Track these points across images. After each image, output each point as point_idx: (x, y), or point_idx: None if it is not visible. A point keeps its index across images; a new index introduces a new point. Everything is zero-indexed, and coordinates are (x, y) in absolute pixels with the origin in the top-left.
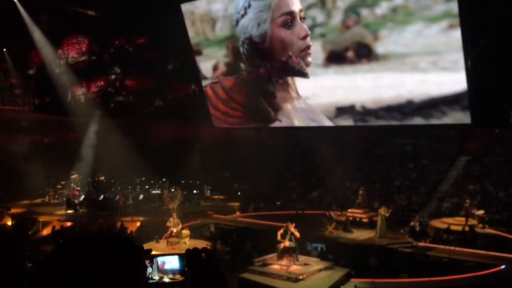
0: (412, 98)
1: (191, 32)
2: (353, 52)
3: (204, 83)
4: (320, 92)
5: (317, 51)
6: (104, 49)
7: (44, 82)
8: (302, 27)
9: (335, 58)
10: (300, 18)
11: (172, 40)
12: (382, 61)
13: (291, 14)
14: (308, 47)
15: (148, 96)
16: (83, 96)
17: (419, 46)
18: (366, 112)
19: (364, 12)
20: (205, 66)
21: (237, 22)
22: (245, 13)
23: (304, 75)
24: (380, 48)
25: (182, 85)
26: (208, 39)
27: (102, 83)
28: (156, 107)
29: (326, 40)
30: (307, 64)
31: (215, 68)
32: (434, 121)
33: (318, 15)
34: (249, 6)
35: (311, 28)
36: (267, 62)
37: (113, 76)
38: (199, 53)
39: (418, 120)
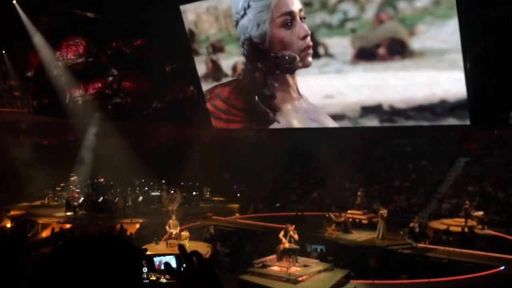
0: (447, 97)
1: (214, 28)
2: (385, 49)
3: (224, 80)
4: (346, 91)
5: (345, 47)
6: (101, 51)
7: (43, 84)
8: (302, 27)
9: (365, 55)
10: (300, 18)
11: (170, 41)
12: (417, 58)
13: (291, 14)
14: (309, 47)
15: (146, 97)
16: (81, 98)
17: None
18: (394, 112)
19: (402, 5)
20: (227, 63)
21: (237, 22)
22: (245, 13)
23: (292, 70)
24: (415, 44)
25: (181, 86)
26: (231, 35)
27: (99, 85)
28: (154, 109)
29: (356, 35)
30: (307, 65)
31: (234, 69)
32: (468, 122)
33: (350, 9)
34: (249, 6)
35: (342, 22)
36: (264, 64)
37: (110, 78)
38: (221, 49)
39: (451, 121)
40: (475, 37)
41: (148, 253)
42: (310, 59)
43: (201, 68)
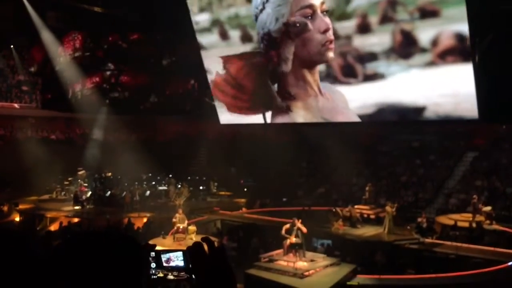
0: None
1: None
2: None
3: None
4: None
5: None
6: (98, 45)
7: (51, 79)
8: (322, 20)
9: None
10: (322, 11)
11: (171, 34)
12: None
13: (311, 7)
14: (330, 41)
15: (144, 92)
16: (80, 92)
17: None
18: None
19: None
20: (427, 34)
21: (256, 17)
22: (264, 7)
23: (311, 66)
24: None
25: (181, 80)
26: None
27: (97, 79)
28: (152, 103)
29: None
30: (328, 60)
31: (435, 43)
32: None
33: None
34: (267, 0)
35: None
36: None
37: (108, 72)
38: (434, 14)
39: None
40: (483, 30)
41: (156, 249)
42: (331, 54)
43: (384, 41)
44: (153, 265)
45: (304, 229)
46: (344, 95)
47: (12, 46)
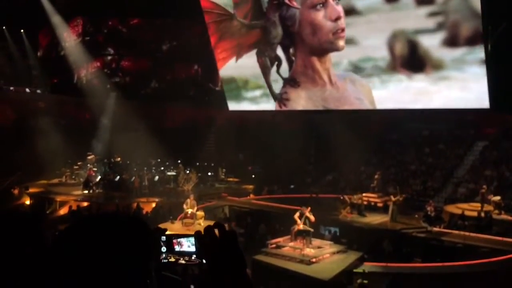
0: None
1: None
2: None
3: None
4: None
5: None
6: (98, 29)
7: (57, 63)
8: (334, 8)
9: None
10: None
11: (170, 18)
12: None
13: None
14: (342, 29)
15: (145, 77)
16: (85, 77)
17: None
18: None
19: None
20: None
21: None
22: None
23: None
24: None
25: (183, 66)
26: None
27: (98, 64)
28: (153, 88)
29: None
30: (339, 48)
31: None
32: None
33: None
34: None
35: None
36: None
37: (109, 57)
38: None
39: None
40: (496, 19)
41: (167, 233)
42: (342, 43)
43: None
44: (164, 249)
45: (313, 218)
46: (369, 88)
47: (22, 31)
